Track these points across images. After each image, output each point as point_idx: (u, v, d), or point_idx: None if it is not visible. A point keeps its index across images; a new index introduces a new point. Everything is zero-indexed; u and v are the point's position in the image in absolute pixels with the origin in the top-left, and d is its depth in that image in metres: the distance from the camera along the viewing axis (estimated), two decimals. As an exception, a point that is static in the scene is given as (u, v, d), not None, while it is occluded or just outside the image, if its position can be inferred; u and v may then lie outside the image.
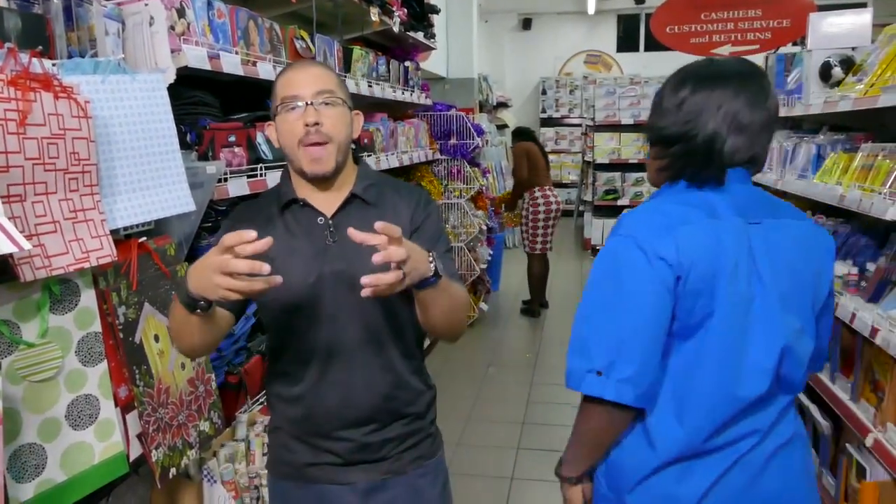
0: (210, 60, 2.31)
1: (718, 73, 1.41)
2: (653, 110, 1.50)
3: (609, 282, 1.39)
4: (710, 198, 1.39)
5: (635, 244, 1.35)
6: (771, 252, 1.38)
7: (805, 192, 3.36)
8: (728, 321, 1.35)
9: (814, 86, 3.45)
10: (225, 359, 2.32)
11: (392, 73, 4.54)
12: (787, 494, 1.44)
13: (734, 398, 1.37)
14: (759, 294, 1.37)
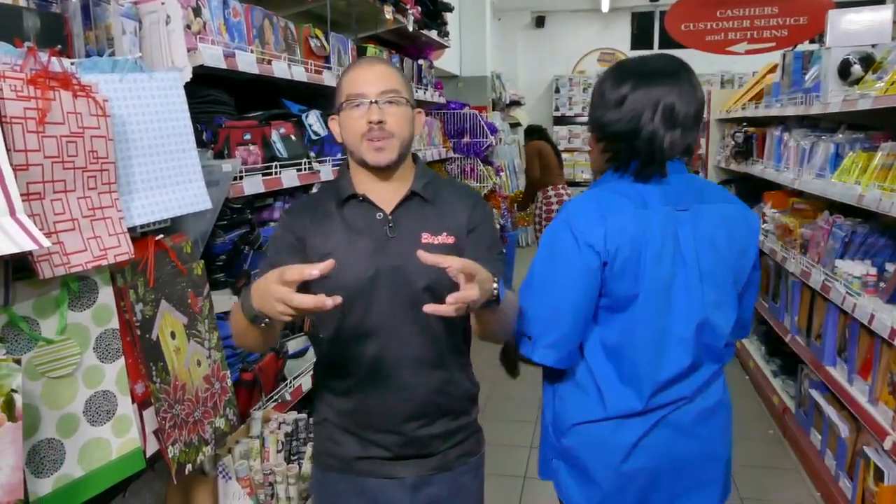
0: (226, 59, 2.32)
1: (655, 71, 1.55)
2: (595, 103, 1.63)
3: (545, 262, 1.59)
4: (644, 189, 1.56)
5: (570, 231, 1.54)
6: (696, 235, 1.55)
7: (823, 191, 3.33)
8: (652, 298, 1.53)
9: (832, 84, 3.42)
10: (240, 356, 2.33)
11: (405, 71, 4.54)
12: (707, 454, 1.66)
13: (662, 366, 1.56)
14: (681, 273, 1.54)
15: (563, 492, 1.69)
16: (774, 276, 4.30)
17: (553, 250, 1.58)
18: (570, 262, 1.53)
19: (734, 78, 11.05)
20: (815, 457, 3.40)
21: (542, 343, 1.58)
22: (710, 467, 1.69)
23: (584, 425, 1.62)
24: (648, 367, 1.56)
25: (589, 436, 1.61)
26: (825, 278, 3.26)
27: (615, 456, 1.59)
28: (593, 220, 1.53)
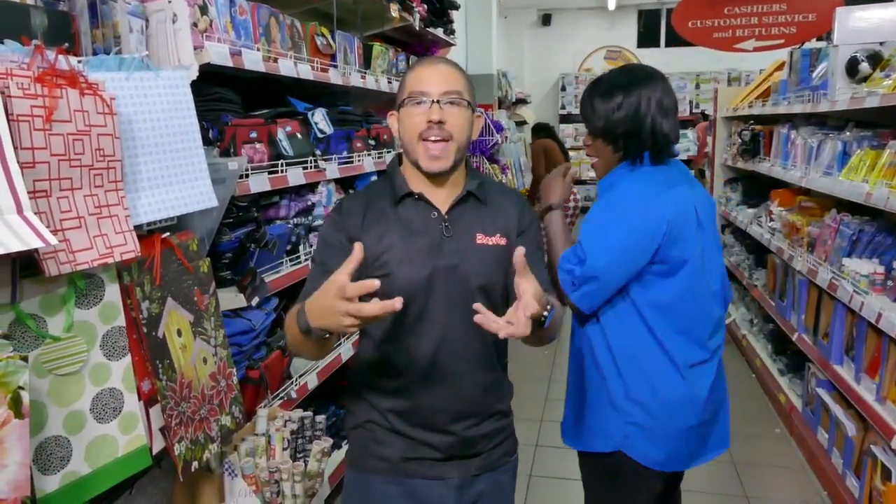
0: (232, 57, 2.32)
1: (636, 78, 1.84)
2: (592, 116, 1.89)
3: (614, 224, 1.79)
4: (667, 172, 1.85)
5: (641, 201, 1.77)
6: (701, 208, 1.85)
7: (830, 189, 3.32)
8: (697, 261, 1.80)
9: (840, 81, 3.40)
10: (245, 354, 2.33)
11: (412, 69, 4.54)
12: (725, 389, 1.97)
13: (710, 319, 1.85)
14: (705, 239, 1.84)
15: (637, 453, 1.85)
16: (781, 275, 4.28)
17: (623, 215, 1.79)
18: (636, 228, 1.76)
19: (741, 75, 11.02)
20: (821, 455, 3.39)
21: (583, 290, 1.81)
22: (727, 407, 1.99)
23: (661, 387, 1.82)
24: (702, 321, 1.84)
25: (668, 396, 1.82)
26: (832, 277, 3.25)
27: (694, 407, 1.84)
28: (656, 194, 1.78)
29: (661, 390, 1.82)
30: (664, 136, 1.83)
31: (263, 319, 2.41)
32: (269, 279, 2.52)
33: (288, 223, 2.69)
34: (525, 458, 3.69)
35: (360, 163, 3.41)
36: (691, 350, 1.83)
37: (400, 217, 1.55)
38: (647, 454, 1.84)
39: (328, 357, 3.05)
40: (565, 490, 3.32)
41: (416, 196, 1.56)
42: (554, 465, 3.58)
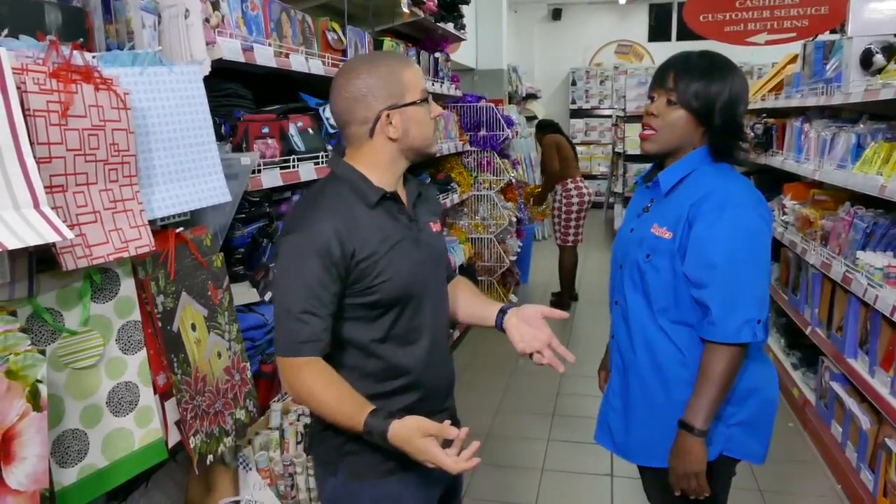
0: (244, 53, 2.33)
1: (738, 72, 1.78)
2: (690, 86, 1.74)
3: (748, 247, 1.69)
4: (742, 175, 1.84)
5: (758, 216, 1.70)
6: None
7: (844, 182, 3.29)
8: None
9: (854, 73, 3.38)
10: (259, 348, 2.34)
11: (422, 64, 4.53)
12: None
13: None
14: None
15: (742, 452, 1.82)
16: (794, 268, 4.26)
17: (753, 236, 1.70)
18: (766, 244, 1.72)
19: (753, 69, 10.92)
20: (836, 449, 3.37)
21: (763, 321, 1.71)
22: None
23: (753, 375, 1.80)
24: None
25: (759, 382, 1.83)
26: (846, 270, 3.22)
27: (774, 381, 1.89)
28: (761, 204, 1.75)
29: (754, 378, 1.80)
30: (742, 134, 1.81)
31: (276, 314, 2.42)
32: (282, 274, 2.53)
33: (300, 218, 2.70)
34: (537, 452, 3.71)
35: (372, 158, 3.41)
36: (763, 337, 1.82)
37: (379, 219, 1.51)
38: (752, 450, 1.84)
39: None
40: (576, 484, 3.33)
41: (388, 195, 1.53)
42: (565, 459, 3.58)
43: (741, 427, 1.80)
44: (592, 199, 6.37)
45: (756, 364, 1.81)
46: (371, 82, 1.48)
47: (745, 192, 1.74)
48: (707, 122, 1.74)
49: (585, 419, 3.95)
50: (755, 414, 1.81)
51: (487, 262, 5.88)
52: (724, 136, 1.75)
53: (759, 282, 1.70)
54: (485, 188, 5.75)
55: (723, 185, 1.73)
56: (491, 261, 5.87)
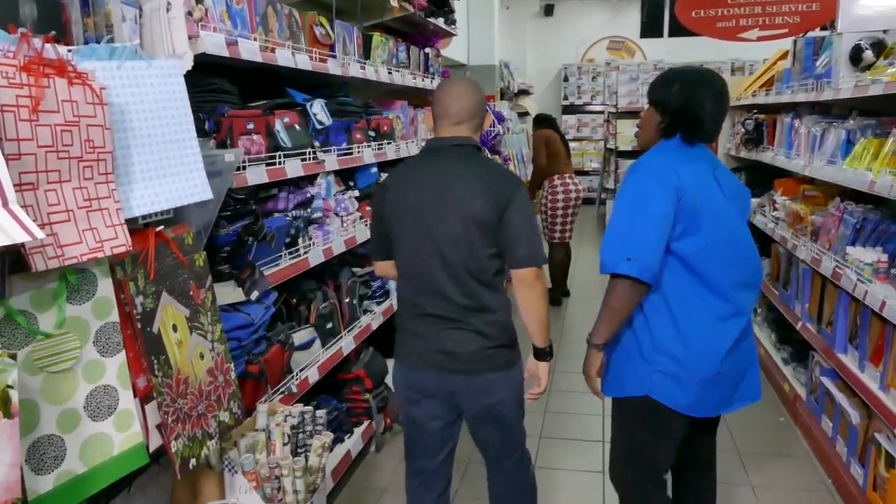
0: (228, 47, 2.29)
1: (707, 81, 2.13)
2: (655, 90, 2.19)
3: (636, 202, 2.03)
4: (691, 152, 2.12)
5: (657, 179, 2.02)
6: (725, 187, 2.11)
7: (834, 178, 3.28)
8: (715, 227, 2.03)
9: (844, 70, 3.36)
10: (245, 348, 2.31)
11: (412, 59, 4.50)
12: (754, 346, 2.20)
13: (741, 274, 2.08)
14: (729, 212, 2.08)
15: (663, 396, 2.08)
16: (785, 264, 4.25)
17: (642, 193, 2.03)
18: (656, 200, 1.99)
19: (745, 65, 10.95)
20: (826, 444, 3.36)
21: (640, 262, 1.98)
22: (756, 361, 2.21)
23: (689, 337, 2.05)
24: (727, 277, 2.05)
25: (695, 346, 2.05)
26: (836, 265, 3.21)
27: (718, 357, 2.05)
28: (669, 170, 2.03)
29: (689, 340, 2.04)
30: (700, 122, 2.10)
31: (263, 314, 2.39)
32: (268, 273, 2.49)
33: (286, 216, 2.67)
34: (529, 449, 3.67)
35: (360, 154, 3.38)
36: (716, 303, 2.05)
37: None
38: (675, 398, 2.07)
39: (329, 351, 3.03)
40: (569, 480, 3.31)
41: None
42: (558, 456, 3.56)
43: (667, 376, 2.06)
44: (581, 195, 6.30)
45: (696, 334, 2.05)
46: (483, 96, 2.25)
47: (653, 163, 2.09)
48: (664, 112, 2.14)
49: (578, 416, 3.93)
50: (683, 372, 2.05)
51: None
52: (676, 122, 2.12)
53: (636, 229, 2.00)
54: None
55: (645, 159, 2.13)
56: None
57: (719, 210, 2.05)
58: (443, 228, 2.09)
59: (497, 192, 2.06)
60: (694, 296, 2.05)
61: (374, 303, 3.75)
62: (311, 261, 2.83)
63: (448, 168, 2.13)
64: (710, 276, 2.04)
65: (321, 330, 3.00)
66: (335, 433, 3.23)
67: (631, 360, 2.13)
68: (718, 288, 2.04)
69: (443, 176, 2.13)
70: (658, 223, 1.99)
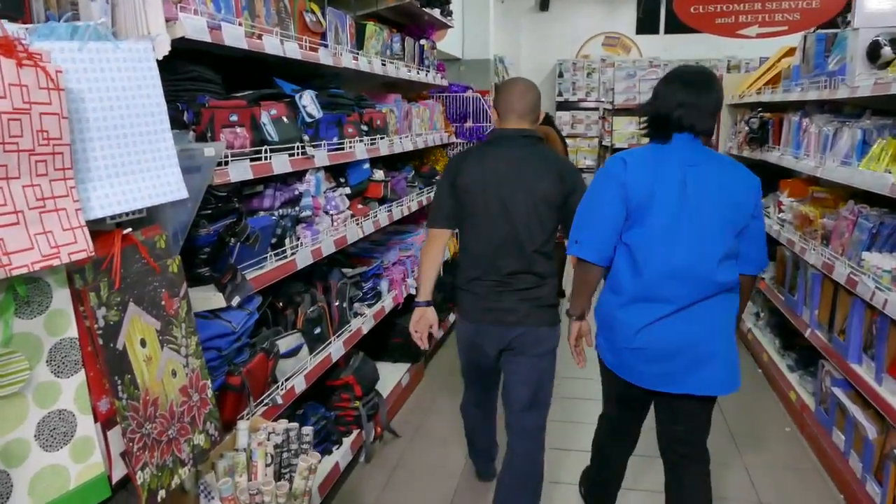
0: (210, 31, 2.11)
1: (678, 75, 2.27)
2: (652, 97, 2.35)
3: (589, 194, 2.33)
4: (658, 149, 2.26)
5: (606, 173, 2.28)
6: (699, 183, 2.19)
7: (849, 179, 3.13)
8: (661, 219, 2.18)
9: (860, 67, 3.21)
10: (226, 358, 2.13)
11: (407, 51, 4.32)
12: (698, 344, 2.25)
13: (672, 269, 2.20)
14: (686, 207, 2.18)
15: (601, 353, 2.43)
16: (791, 268, 4.10)
17: (597, 185, 2.30)
18: (606, 192, 2.25)
19: (741, 63, 10.83)
20: (838, 458, 3.22)
21: (587, 245, 2.29)
22: (704, 354, 2.26)
23: (612, 311, 2.33)
24: (657, 269, 2.21)
25: (615, 321, 2.32)
26: (850, 271, 3.07)
27: (628, 333, 2.29)
28: (619, 164, 2.25)
29: (615, 314, 2.32)
30: (673, 122, 2.23)
31: (245, 320, 2.21)
32: (252, 276, 2.32)
33: (273, 214, 2.49)
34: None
35: (352, 149, 3.20)
36: (640, 289, 2.25)
37: None
38: (606, 357, 2.41)
39: (317, 358, 2.86)
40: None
41: None
42: (562, 470, 3.41)
43: (605, 339, 2.40)
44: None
45: (619, 310, 2.30)
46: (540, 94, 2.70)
47: (611, 159, 2.31)
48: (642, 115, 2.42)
49: (580, 425, 3.77)
50: (612, 337, 2.35)
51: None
52: (649, 120, 2.32)
53: (585, 217, 2.30)
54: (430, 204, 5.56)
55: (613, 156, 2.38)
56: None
57: (670, 205, 2.19)
58: (514, 203, 2.52)
59: (563, 177, 2.55)
60: (623, 277, 2.28)
61: (364, 305, 3.58)
62: (299, 262, 2.66)
63: (520, 153, 2.56)
64: (642, 263, 2.22)
65: (309, 335, 2.82)
66: (323, 443, 3.06)
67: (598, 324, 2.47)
68: (646, 275, 2.22)
69: (515, 160, 2.55)
70: (604, 211, 2.25)
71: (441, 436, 3.73)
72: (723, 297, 2.27)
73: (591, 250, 2.27)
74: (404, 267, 4.20)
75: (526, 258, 2.54)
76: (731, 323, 2.32)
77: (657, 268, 2.20)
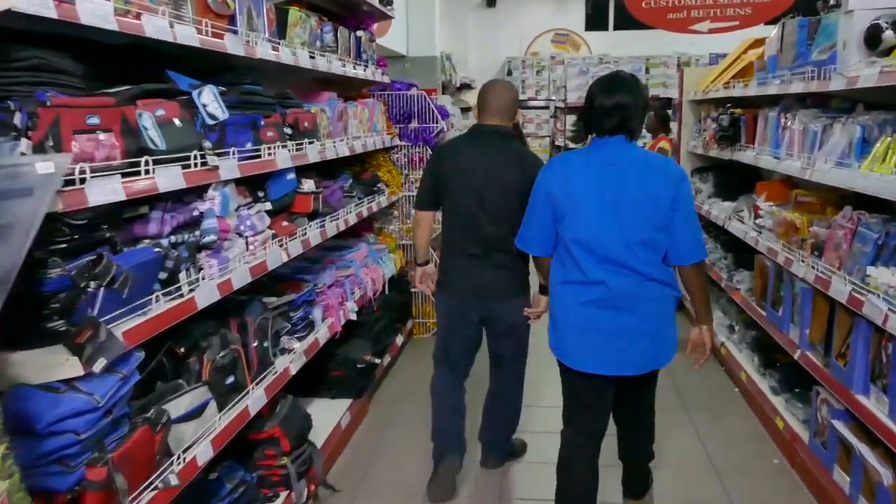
0: (58, 5, 1.57)
1: (596, 82, 2.54)
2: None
3: (531, 196, 2.61)
4: (589, 151, 2.51)
5: (538, 179, 2.59)
6: (618, 182, 2.39)
7: (850, 183, 2.72)
8: (582, 218, 2.42)
9: (857, 54, 2.81)
10: (87, 442, 1.59)
11: (341, 43, 3.79)
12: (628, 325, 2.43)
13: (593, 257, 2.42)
14: (605, 205, 2.39)
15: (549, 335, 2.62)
16: (774, 280, 3.70)
17: (534, 188, 2.60)
18: (537, 196, 2.56)
19: (690, 60, 10.63)
20: (841, 500, 2.82)
21: (523, 239, 2.66)
22: (634, 333, 2.43)
23: (553, 293, 2.60)
24: (577, 258, 2.43)
25: (553, 302, 2.59)
26: (852, 289, 2.67)
27: (564, 313, 2.51)
28: (547, 169, 2.59)
29: (552, 296, 2.59)
30: (588, 118, 2.52)
31: (116, 388, 1.67)
32: (129, 327, 1.77)
33: (158, 246, 1.93)
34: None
35: (272, 157, 2.67)
36: (567, 273, 2.49)
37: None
38: (550, 337, 2.60)
39: (229, 415, 2.32)
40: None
41: None
42: None
43: (552, 321, 2.60)
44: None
45: (554, 291, 2.57)
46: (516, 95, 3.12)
47: (547, 164, 2.64)
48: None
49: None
50: (553, 319, 2.59)
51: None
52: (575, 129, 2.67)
53: (526, 217, 2.62)
54: (417, 188, 5.04)
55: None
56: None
57: (590, 204, 2.41)
58: (487, 190, 2.86)
59: (524, 170, 2.84)
60: (559, 264, 2.54)
61: (294, 339, 3.05)
62: (201, 301, 2.12)
63: (493, 146, 2.91)
64: (573, 254, 2.45)
65: (218, 388, 2.28)
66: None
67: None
68: (578, 260, 2.44)
69: (488, 152, 2.89)
70: (537, 213, 2.56)
71: (391, 484, 3.21)
72: (652, 287, 2.43)
73: (532, 246, 2.65)
74: (342, 289, 3.68)
75: (498, 237, 2.88)
76: (662, 313, 2.47)
77: (585, 259, 2.43)
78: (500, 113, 2.94)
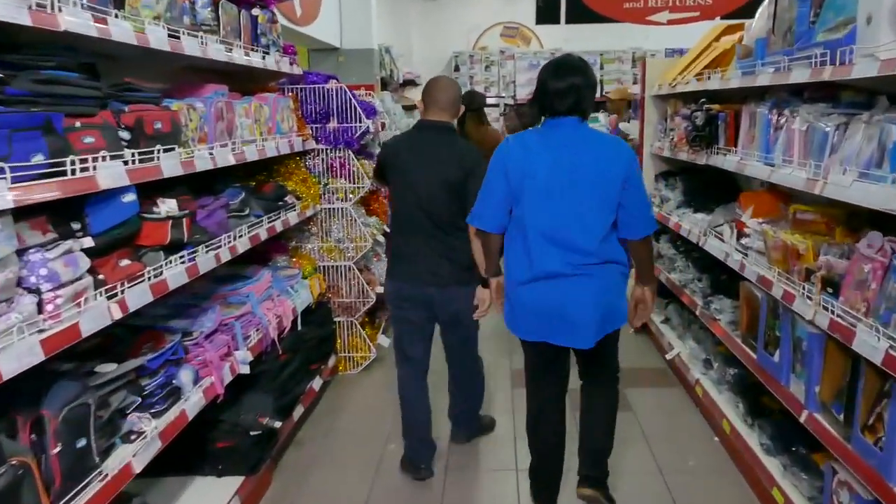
0: None
1: (546, 65, 2.66)
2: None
3: (487, 174, 2.69)
4: (544, 132, 2.66)
5: (495, 157, 2.66)
6: (573, 162, 2.53)
7: (885, 204, 2.02)
8: (536, 197, 2.54)
9: (887, 32, 2.12)
10: None
11: (225, 22, 2.97)
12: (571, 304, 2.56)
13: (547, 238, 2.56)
14: (559, 185, 2.52)
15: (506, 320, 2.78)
16: (767, 316, 3.00)
17: (490, 166, 2.69)
18: (493, 175, 2.66)
19: (646, 54, 10.09)
20: None
21: (478, 218, 2.72)
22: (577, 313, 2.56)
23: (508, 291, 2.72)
24: (525, 237, 2.58)
25: (508, 276, 2.73)
26: (891, 346, 1.98)
27: (512, 287, 2.68)
28: (502, 150, 2.66)
29: (507, 273, 2.72)
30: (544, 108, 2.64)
31: None
32: None
33: None
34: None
35: (90, 174, 1.86)
36: (519, 252, 2.60)
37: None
38: (505, 312, 2.77)
39: None
40: None
41: None
42: None
43: (507, 297, 2.74)
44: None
45: (507, 271, 2.71)
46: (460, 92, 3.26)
47: (504, 142, 2.70)
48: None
49: None
50: (508, 304, 2.73)
51: (346, 298, 4.39)
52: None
53: (482, 194, 2.70)
54: (338, 199, 4.24)
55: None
56: (351, 296, 4.38)
57: (544, 183, 2.52)
58: (425, 184, 3.04)
59: (462, 163, 3.01)
60: (511, 242, 2.65)
61: (147, 416, 2.24)
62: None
63: (433, 141, 3.10)
64: (526, 232, 2.56)
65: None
66: None
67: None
68: (530, 242, 2.55)
69: (429, 146, 3.09)
70: (492, 190, 2.64)
71: None
72: (606, 267, 2.55)
73: (486, 222, 2.68)
74: (229, 335, 2.87)
75: (437, 228, 3.04)
76: (613, 287, 2.60)
77: (539, 238, 2.53)
78: (445, 108, 3.10)
